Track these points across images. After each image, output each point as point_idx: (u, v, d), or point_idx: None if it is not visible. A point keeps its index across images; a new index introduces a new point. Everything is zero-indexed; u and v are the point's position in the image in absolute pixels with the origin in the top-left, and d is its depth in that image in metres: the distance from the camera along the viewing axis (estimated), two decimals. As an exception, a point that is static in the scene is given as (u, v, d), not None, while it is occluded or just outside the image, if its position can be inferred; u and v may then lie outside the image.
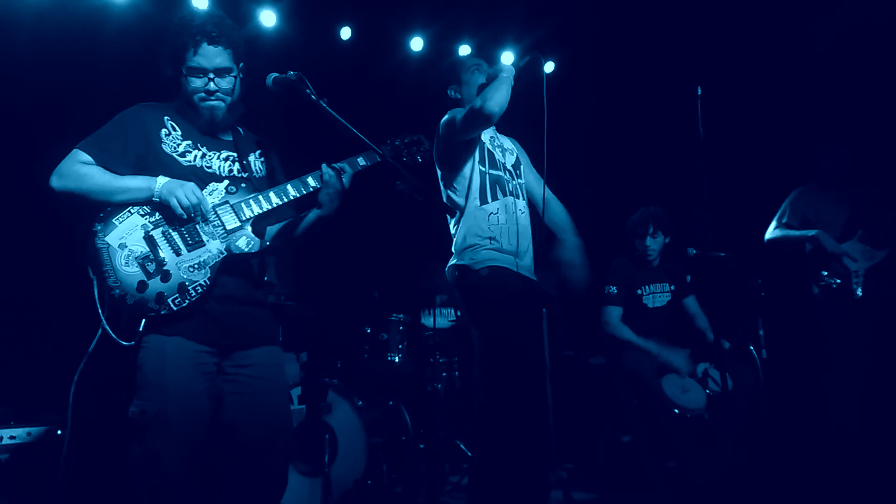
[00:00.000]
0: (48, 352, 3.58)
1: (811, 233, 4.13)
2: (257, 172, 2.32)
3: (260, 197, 2.17)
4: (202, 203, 2.07)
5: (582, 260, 2.85)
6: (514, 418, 2.57)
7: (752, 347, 3.92)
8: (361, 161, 2.27)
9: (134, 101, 2.24)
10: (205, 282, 2.06)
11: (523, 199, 2.91)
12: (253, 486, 2.09)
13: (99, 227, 2.02)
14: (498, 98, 2.56)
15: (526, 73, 2.72)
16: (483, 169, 2.78)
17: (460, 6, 5.16)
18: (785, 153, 4.84)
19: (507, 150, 3.01)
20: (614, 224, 4.36)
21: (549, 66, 5.85)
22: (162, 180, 2.06)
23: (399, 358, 4.15)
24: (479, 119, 2.59)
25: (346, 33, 5.11)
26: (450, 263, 2.82)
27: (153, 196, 2.05)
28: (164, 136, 2.17)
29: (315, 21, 5.02)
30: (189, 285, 2.04)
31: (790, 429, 4.10)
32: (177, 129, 2.20)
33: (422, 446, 3.99)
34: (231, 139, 2.31)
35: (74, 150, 2.10)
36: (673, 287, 4.21)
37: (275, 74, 2.19)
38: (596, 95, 5.59)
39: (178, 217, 2.05)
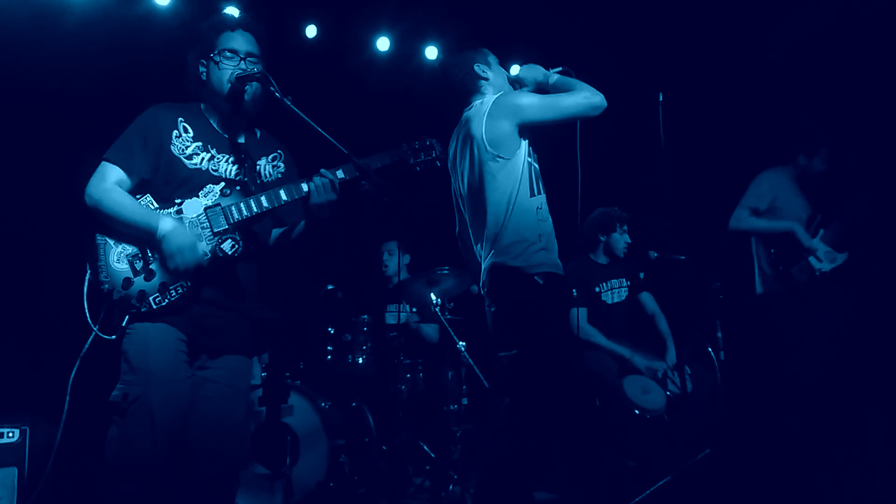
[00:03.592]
0: (40, 351, 3.61)
1: (784, 225, 4.00)
2: (266, 177, 2.33)
3: (251, 201, 2.16)
4: (196, 264, 2.07)
5: None
6: (551, 434, 2.49)
7: (710, 349, 4.00)
8: (354, 169, 2.24)
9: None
10: (186, 283, 2.08)
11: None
12: (197, 488, 2.11)
13: None
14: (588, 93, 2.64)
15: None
16: (530, 160, 2.66)
17: (426, 7, 5.16)
18: (745, 158, 4.95)
19: None
20: (576, 227, 4.41)
21: (514, 70, 5.89)
22: (166, 226, 2.06)
23: (363, 359, 4.13)
24: (597, 111, 2.65)
25: (311, 32, 5.08)
26: (494, 261, 2.55)
27: (157, 237, 2.06)
28: (174, 137, 2.20)
29: (280, 19, 4.97)
30: (170, 285, 2.07)
31: (747, 429, 4.19)
32: (189, 130, 2.23)
33: (385, 448, 3.97)
34: (243, 141, 2.30)
35: (102, 163, 2.15)
36: (629, 283, 4.29)
37: (238, 72, 2.18)
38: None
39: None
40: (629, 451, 3.85)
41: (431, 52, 5.46)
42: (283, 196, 2.17)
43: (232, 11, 4.63)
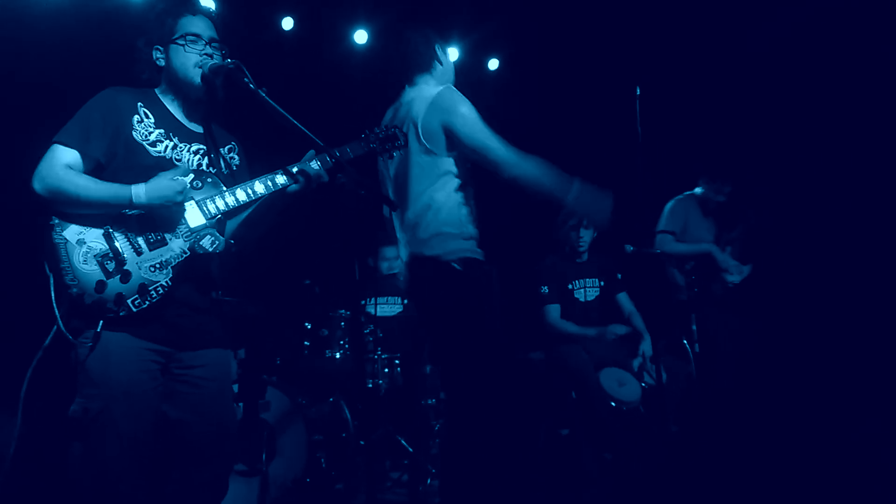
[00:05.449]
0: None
1: (703, 248, 4.39)
2: (226, 168, 2.23)
3: (226, 193, 2.07)
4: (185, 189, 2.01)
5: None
6: (501, 422, 2.45)
7: (685, 342, 4.04)
8: (329, 160, 2.19)
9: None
10: (166, 282, 1.96)
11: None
12: (194, 486, 2.04)
13: (57, 221, 1.92)
14: (532, 176, 2.47)
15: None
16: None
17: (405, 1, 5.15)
18: (721, 152, 5.00)
19: None
20: (551, 222, 4.43)
21: (493, 64, 5.90)
22: (140, 189, 1.94)
23: (340, 354, 4.11)
24: (497, 168, 2.45)
25: (288, 24, 5.03)
26: (412, 252, 2.54)
27: (134, 204, 1.94)
28: (135, 122, 2.07)
29: (257, 11, 4.92)
30: (150, 286, 1.94)
31: (721, 421, 4.24)
32: (150, 116, 2.10)
33: (362, 443, 3.96)
34: (202, 131, 2.22)
35: (53, 146, 1.98)
36: (603, 283, 4.30)
37: (211, 62, 2.11)
38: (537, 93, 5.66)
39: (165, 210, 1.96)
40: (606, 444, 3.88)
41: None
42: (260, 188, 2.09)
43: None
